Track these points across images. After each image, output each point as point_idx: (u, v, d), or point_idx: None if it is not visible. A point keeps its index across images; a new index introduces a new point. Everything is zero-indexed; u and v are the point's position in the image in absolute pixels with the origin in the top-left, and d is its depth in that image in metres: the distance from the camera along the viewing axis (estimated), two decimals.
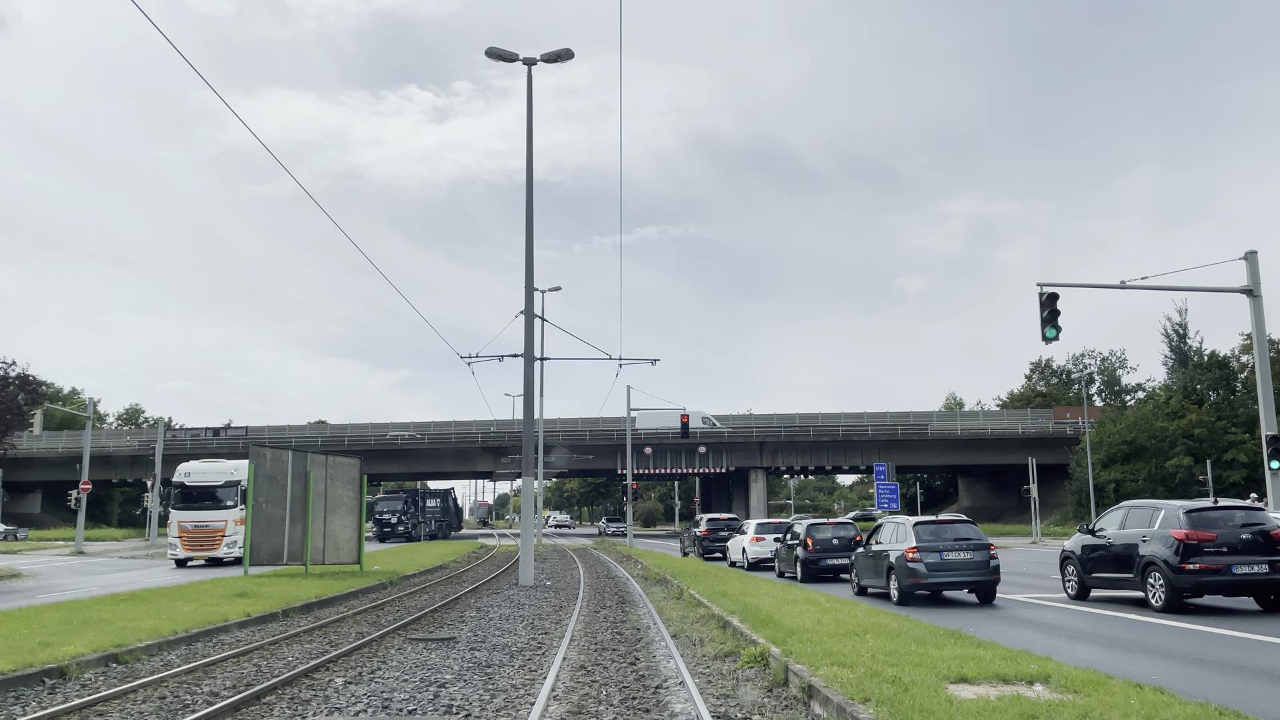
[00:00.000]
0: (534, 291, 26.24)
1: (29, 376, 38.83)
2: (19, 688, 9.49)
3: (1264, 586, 15.39)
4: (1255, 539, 15.34)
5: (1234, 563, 15.12)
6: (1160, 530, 15.88)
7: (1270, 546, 15.28)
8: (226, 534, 33.16)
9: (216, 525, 33.44)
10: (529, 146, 25.33)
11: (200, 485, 34.11)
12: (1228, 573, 15.09)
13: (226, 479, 33.87)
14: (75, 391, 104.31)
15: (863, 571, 20.30)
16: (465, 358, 37.62)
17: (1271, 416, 24.63)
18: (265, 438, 78.14)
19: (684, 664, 10.67)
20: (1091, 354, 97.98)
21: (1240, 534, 15.37)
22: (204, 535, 33.40)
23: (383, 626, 14.91)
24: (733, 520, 40.94)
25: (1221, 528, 15.45)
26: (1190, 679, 9.33)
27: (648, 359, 42.68)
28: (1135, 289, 26.12)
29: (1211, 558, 15.12)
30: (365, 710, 8.52)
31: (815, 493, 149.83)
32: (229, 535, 33.18)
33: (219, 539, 33.34)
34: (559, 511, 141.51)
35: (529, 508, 26.58)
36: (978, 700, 7.37)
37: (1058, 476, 72.23)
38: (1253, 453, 58.03)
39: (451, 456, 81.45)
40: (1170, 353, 74.69)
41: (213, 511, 33.55)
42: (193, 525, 33.36)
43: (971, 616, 15.39)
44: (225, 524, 33.26)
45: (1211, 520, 15.58)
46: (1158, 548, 15.76)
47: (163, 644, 12.27)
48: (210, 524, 33.46)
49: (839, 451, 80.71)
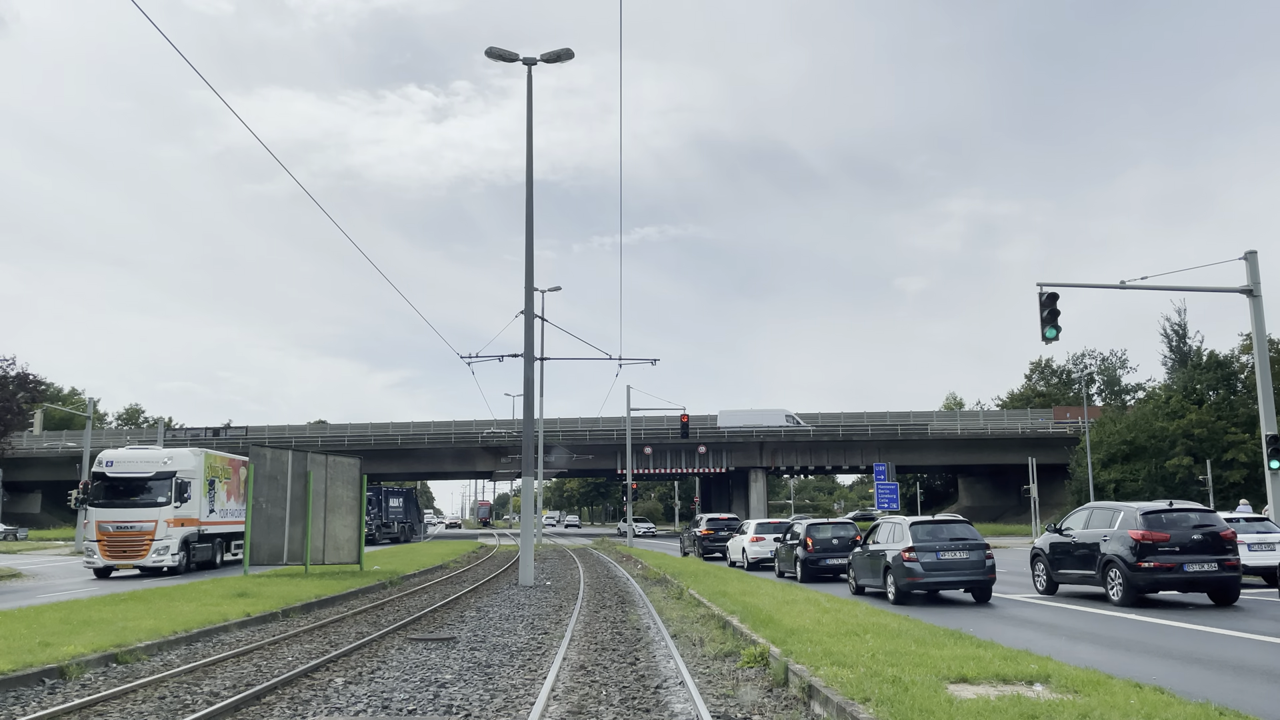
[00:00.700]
0: (534, 291, 26.26)
1: (29, 376, 38.87)
2: (19, 688, 9.49)
3: (1214, 583, 16.44)
4: (1206, 539, 16.39)
5: (1186, 561, 16.18)
6: (1120, 530, 16.93)
7: (1219, 546, 16.35)
8: (157, 537, 27.33)
9: (144, 526, 27.33)
10: (529, 147, 25.35)
11: (126, 477, 28.11)
12: (1180, 570, 16.16)
13: (159, 469, 28.10)
14: (75, 391, 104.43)
15: (860, 571, 20.34)
16: (465, 358, 37.59)
17: (1271, 416, 24.63)
18: (265, 438, 78.16)
19: (684, 664, 10.68)
20: (1091, 354, 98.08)
21: (1192, 535, 16.42)
22: (128, 539, 27.31)
23: (383, 626, 14.91)
24: (733, 520, 40.98)
25: (1175, 529, 16.50)
26: (1190, 679, 9.33)
27: (648, 359, 42.76)
28: (1135, 289, 26.15)
29: (1165, 556, 16.20)
30: (365, 710, 8.53)
31: (815, 493, 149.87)
32: (161, 539, 27.38)
33: (147, 543, 27.27)
34: (559, 511, 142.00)
35: (529, 508, 26.59)
36: (978, 700, 7.37)
37: (1058, 476, 72.22)
38: (1253, 453, 58.00)
39: (451, 456, 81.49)
40: (1170, 353, 74.64)
41: (140, 510, 27.53)
42: (114, 527, 27.32)
43: (970, 616, 15.40)
44: (155, 525, 27.38)
45: (1166, 522, 16.63)
46: (1117, 546, 16.81)
47: (163, 644, 12.28)
48: (136, 525, 27.34)
49: (839, 451, 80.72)
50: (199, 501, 29.19)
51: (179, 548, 27.88)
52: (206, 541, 29.93)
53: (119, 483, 28.08)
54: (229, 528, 31.75)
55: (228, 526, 31.71)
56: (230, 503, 31.93)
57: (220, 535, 31.23)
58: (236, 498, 32.24)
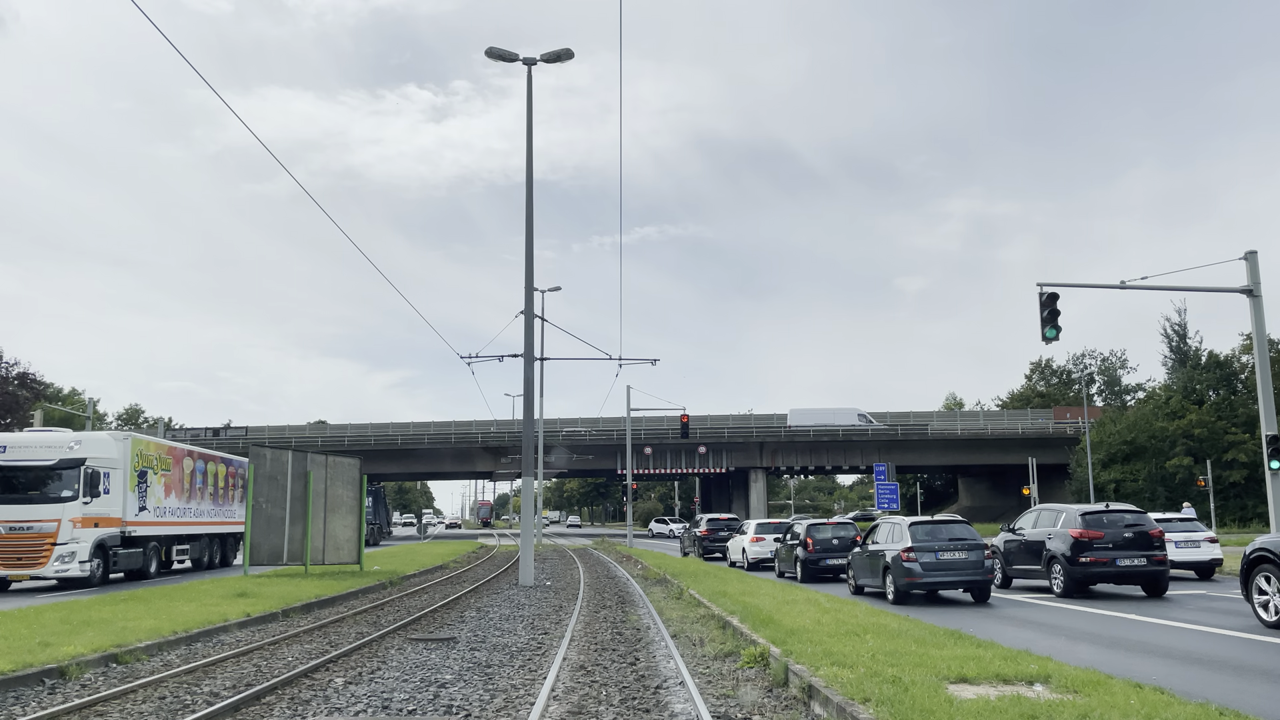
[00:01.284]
0: (534, 291, 26.25)
1: (29, 375, 38.96)
2: (19, 688, 9.49)
3: (1144, 576, 18.35)
4: (1136, 537, 18.35)
5: (1119, 556, 18.11)
6: (1062, 529, 18.82)
7: (1148, 543, 18.31)
8: (60, 540, 22.21)
9: (43, 528, 22.21)
10: (529, 147, 25.34)
11: (20, 466, 22.71)
12: (1113, 564, 18.09)
13: (63, 456, 22.88)
14: (75, 391, 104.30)
15: (859, 571, 20.36)
16: (465, 358, 37.65)
17: (1271, 416, 24.63)
18: (265, 438, 78.15)
19: (684, 664, 10.68)
20: (1091, 354, 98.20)
21: (1124, 533, 18.38)
22: (22, 544, 22.13)
23: (383, 626, 14.91)
24: (733, 520, 40.98)
25: (1110, 528, 18.37)
26: (1190, 679, 9.33)
27: (647, 359, 42.80)
28: (1135, 289, 26.12)
29: (1100, 552, 18.12)
30: (365, 710, 8.53)
31: (815, 493, 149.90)
32: (64, 542, 22.25)
33: (47, 548, 22.12)
34: (560, 511, 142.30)
35: (529, 508, 26.58)
36: (978, 700, 7.37)
37: (1058, 476, 72.23)
38: (1253, 453, 58.01)
39: (451, 457, 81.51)
40: (1170, 353, 74.70)
41: (38, 506, 22.40)
42: (6, 529, 22.08)
43: (970, 616, 15.40)
44: (58, 525, 22.26)
45: (1102, 521, 18.52)
46: (1059, 544, 18.68)
47: (163, 644, 12.27)
48: (33, 525, 22.18)
49: (839, 451, 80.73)
50: (121, 497, 24.22)
51: (90, 553, 22.78)
52: (134, 546, 24.97)
53: (12, 473, 22.66)
54: (169, 529, 27.00)
55: (167, 528, 26.88)
56: (171, 499, 27.14)
57: (156, 539, 26.43)
58: (181, 493, 27.91)
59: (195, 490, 29.30)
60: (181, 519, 28.09)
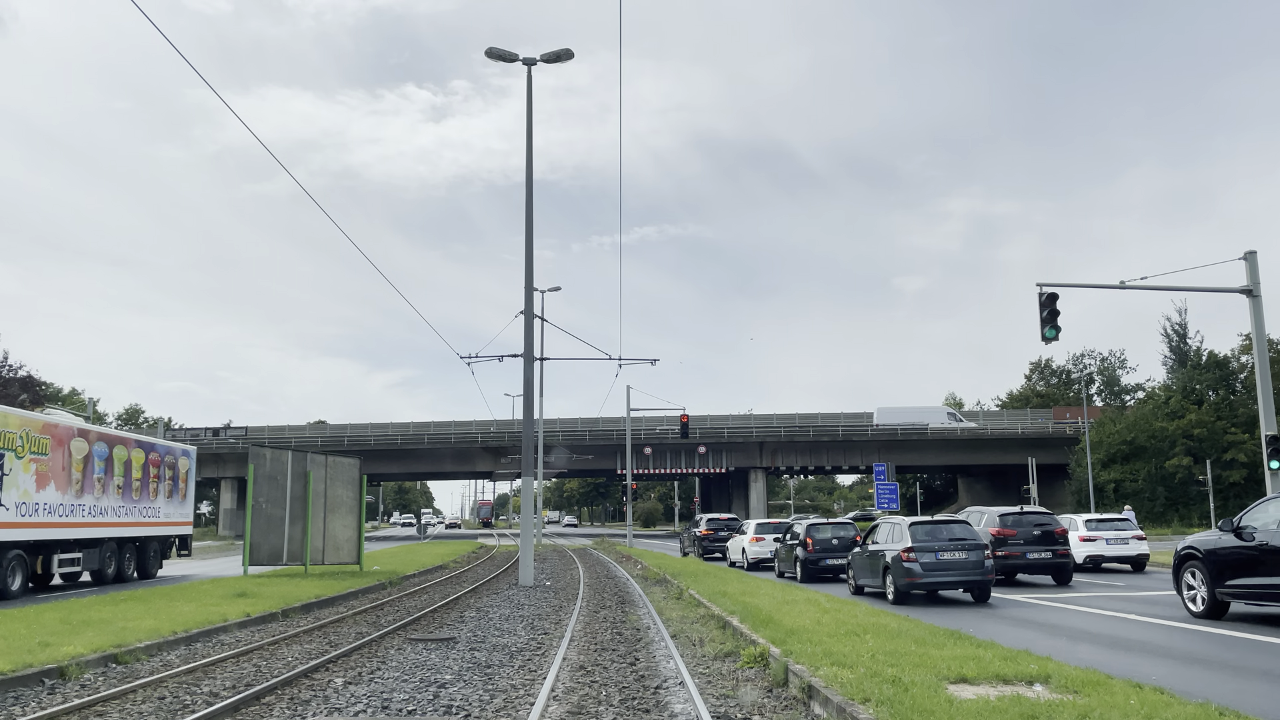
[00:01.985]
0: (534, 291, 26.25)
1: (31, 377, 39.00)
2: (19, 688, 9.49)
3: (1049, 567, 21.55)
4: (1043, 535, 21.59)
5: (1028, 550, 21.41)
6: (984, 528, 21.50)
7: (1053, 540, 21.53)
8: None
9: None
10: (529, 147, 25.34)
11: None
12: (1023, 558, 21.35)
13: None
14: (75, 392, 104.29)
15: (859, 571, 20.36)
16: (465, 358, 37.68)
17: (1271, 416, 24.63)
18: (265, 438, 78.13)
19: (684, 664, 10.67)
20: (1091, 354, 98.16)
21: (1033, 531, 21.61)
22: None
23: (382, 627, 14.91)
24: (733, 520, 40.95)
25: (1021, 527, 21.64)
26: (1190, 679, 9.33)
27: (647, 359, 42.88)
28: (1135, 289, 26.13)
29: (1013, 547, 21.37)
30: (365, 710, 8.52)
31: (815, 493, 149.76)
32: None
33: None
34: (559, 511, 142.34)
35: (529, 508, 26.58)
36: (978, 700, 7.37)
37: (1058, 476, 72.23)
38: (1252, 453, 58.01)
39: (451, 457, 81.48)
40: (1170, 353, 74.65)
41: None
42: None
43: (970, 616, 15.40)
44: None
45: (1015, 522, 21.77)
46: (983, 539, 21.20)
47: (162, 644, 12.27)
48: None
49: (839, 451, 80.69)
50: None
51: None
52: None
53: None
54: (47, 533, 20.71)
55: (42, 531, 20.52)
56: (49, 493, 20.67)
57: (22, 544, 19.92)
58: (66, 485, 21.39)
59: (91, 482, 22.43)
60: (67, 519, 21.43)
